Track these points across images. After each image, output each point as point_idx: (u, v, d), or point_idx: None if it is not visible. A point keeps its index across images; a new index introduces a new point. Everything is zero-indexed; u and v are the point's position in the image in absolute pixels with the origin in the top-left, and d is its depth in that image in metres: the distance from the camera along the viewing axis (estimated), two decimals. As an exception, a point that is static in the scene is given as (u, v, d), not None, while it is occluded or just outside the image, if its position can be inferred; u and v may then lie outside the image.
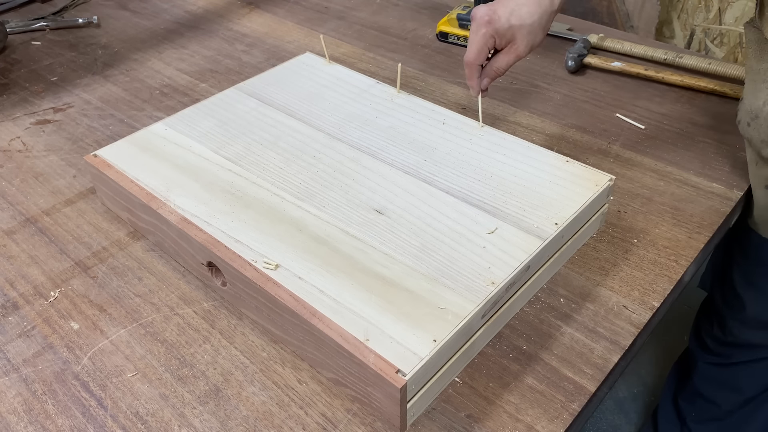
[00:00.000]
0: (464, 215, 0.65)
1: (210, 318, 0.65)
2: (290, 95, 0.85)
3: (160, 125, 0.80)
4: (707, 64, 0.97)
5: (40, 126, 0.95)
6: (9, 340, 0.64)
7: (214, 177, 0.72)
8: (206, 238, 0.64)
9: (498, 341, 0.61)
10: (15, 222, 0.78)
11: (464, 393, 0.57)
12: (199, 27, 1.21)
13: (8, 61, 1.12)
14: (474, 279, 0.58)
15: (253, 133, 0.79)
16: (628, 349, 0.60)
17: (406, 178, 0.71)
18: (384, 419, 0.55)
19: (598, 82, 0.99)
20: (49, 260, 0.72)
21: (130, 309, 0.66)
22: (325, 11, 1.25)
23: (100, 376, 0.60)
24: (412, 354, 0.52)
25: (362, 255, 0.61)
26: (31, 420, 0.57)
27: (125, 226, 0.76)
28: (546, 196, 0.67)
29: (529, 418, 0.55)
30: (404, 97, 0.84)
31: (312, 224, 0.65)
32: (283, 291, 0.58)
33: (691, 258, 0.69)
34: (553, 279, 0.67)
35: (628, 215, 0.75)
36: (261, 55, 1.11)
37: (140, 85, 1.04)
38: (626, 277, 0.67)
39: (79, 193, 0.82)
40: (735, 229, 0.85)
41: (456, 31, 1.10)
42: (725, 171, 0.81)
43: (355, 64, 1.06)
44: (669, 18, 1.65)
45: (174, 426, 0.55)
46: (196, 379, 0.59)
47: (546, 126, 0.90)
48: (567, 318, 0.63)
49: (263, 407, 0.57)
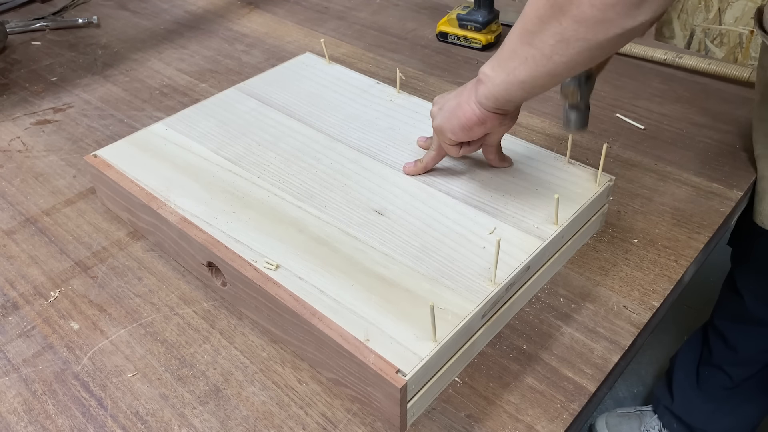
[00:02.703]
0: (464, 216, 0.65)
1: (210, 318, 0.65)
2: (290, 95, 0.85)
3: (160, 125, 0.80)
4: (707, 65, 0.97)
5: (40, 126, 0.95)
6: (9, 340, 0.64)
7: (214, 177, 0.72)
8: (206, 238, 0.64)
9: (498, 341, 0.61)
10: (15, 222, 0.78)
11: (464, 393, 0.57)
12: (199, 27, 1.21)
13: (8, 61, 1.12)
14: (474, 279, 0.58)
15: (253, 133, 0.79)
16: (628, 349, 0.60)
17: (406, 179, 0.71)
18: (384, 419, 0.55)
19: (598, 83, 0.99)
20: (49, 260, 0.72)
21: (130, 309, 0.66)
22: (325, 11, 1.25)
23: (100, 376, 0.60)
24: (412, 354, 0.52)
25: (362, 255, 0.61)
26: (31, 420, 0.57)
27: (125, 226, 0.76)
28: (546, 197, 0.67)
29: (529, 418, 0.55)
30: (404, 97, 0.84)
31: (312, 225, 0.65)
32: (283, 291, 0.58)
33: (691, 258, 0.69)
34: (553, 279, 0.67)
35: (628, 215, 0.75)
36: (261, 56, 1.11)
37: (140, 85, 1.04)
38: (626, 277, 0.67)
39: (79, 193, 0.82)
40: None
41: (456, 31, 1.10)
42: (725, 171, 0.81)
43: (355, 64, 1.06)
44: (669, 18, 1.65)
45: (174, 426, 0.55)
46: (196, 379, 0.59)
47: (546, 126, 0.90)
48: (567, 318, 0.63)
49: (263, 407, 0.57)
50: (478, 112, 0.61)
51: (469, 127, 0.62)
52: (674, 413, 1.16)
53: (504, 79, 0.57)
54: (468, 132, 0.63)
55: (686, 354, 1.16)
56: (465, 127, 0.62)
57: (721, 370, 1.08)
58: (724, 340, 1.05)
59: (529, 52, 0.53)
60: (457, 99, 0.63)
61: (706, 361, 1.10)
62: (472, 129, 0.62)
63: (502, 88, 0.58)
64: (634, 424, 1.23)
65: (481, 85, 0.60)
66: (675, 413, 1.16)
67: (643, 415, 1.24)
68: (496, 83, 0.58)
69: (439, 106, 0.67)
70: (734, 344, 1.03)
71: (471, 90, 0.61)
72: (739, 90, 0.95)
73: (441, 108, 0.65)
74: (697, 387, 1.12)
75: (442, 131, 0.65)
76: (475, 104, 0.61)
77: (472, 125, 0.62)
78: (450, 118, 0.63)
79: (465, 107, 0.61)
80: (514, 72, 0.56)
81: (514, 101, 0.59)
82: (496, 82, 0.58)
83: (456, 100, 0.63)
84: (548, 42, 0.51)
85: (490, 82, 0.58)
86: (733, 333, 1.04)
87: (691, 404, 1.14)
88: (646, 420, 1.22)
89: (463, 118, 0.62)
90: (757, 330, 0.99)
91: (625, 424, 1.24)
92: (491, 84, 0.58)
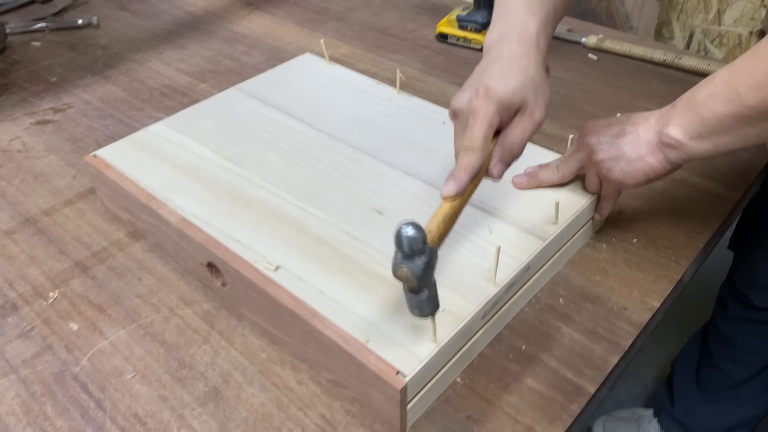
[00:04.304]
0: (464, 216, 0.65)
1: (209, 319, 0.65)
2: (290, 96, 0.85)
3: (160, 125, 0.80)
4: (706, 65, 0.97)
5: (40, 126, 0.95)
6: (8, 341, 0.64)
7: (214, 177, 0.72)
8: (206, 239, 0.63)
9: (498, 342, 0.61)
10: (14, 222, 0.78)
11: (464, 394, 0.57)
12: (199, 28, 1.21)
13: (8, 62, 1.12)
14: (474, 280, 0.58)
15: (253, 133, 0.78)
16: (627, 350, 0.60)
17: (407, 179, 0.71)
18: (384, 421, 0.55)
19: (598, 83, 0.99)
20: (49, 260, 0.72)
21: (129, 310, 0.66)
22: (325, 12, 1.25)
23: (99, 377, 0.60)
24: (412, 355, 0.52)
25: (363, 256, 0.61)
26: (29, 422, 0.56)
27: (125, 226, 0.76)
28: (546, 197, 0.67)
29: (529, 419, 0.55)
30: (404, 97, 0.84)
31: (312, 225, 0.65)
32: (283, 292, 0.58)
33: (691, 258, 0.69)
34: (553, 279, 0.67)
35: (628, 215, 0.75)
36: (261, 56, 1.11)
37: (140, 85, 1.03)
38: (626, 277, 0.67)
39: (78, 193, 0.82)
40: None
41: (456, 32, 1.10)
42: (725, 171, 0.81)
43: (354, 64, 1.06)
44: (668, 19, 1.66)
45: (173, 427, 0.55)
46: (196, 381, 0.59)
47: (546, 126, 0.90)
48: (567, 319, 0.63)
49: (262, 408, 0.56)
50: (668, 168, 0.60)
51: (656, 179, 0.62)
52: (675, 417, 1.16)
53: (709, 150, 0.57)
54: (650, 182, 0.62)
55: (686, 357, 1.16)
56: (650, 180, 0.62)
57: (721, 371, 1.08)
58: (724, 339, 1.05)
59: (750, 132, 0.53)
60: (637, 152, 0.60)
61: (707, 363, 1.10)
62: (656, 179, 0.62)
63: (706, 155, 0.57)
64: (632, 428, 1.23)
65: (673, 151, 0.58)
66: (676, 417, 1.16)
67: (642, 419, 1.23)
68: (698, 151, 0.57)
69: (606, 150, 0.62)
70: (734, 343, 1.03)
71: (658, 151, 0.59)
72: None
73: (614, 159, 0.62)
74: (697, 389, 1.12)
75: (622, 184, 0.63)
76: (667, 163, 0.60)
77: (658, 178, 0.61)
78: (634, 172, 0.61)
79: (655, 165, 0.60)
80: (726, 145, 0.56)
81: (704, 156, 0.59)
82: (700, 151, 0.57)
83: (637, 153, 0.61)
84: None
85: (689, 149, 0.57)
86: (733, 332, 1.04)
87: (692, 407, 1.14)
88: (644, 425, 1.22)
89: (652, 173, 0.61)
90: (758, 327, 0.99)
91: (623, 428, 1.24)
92: (692, 151, 0.57)
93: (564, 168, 0.67)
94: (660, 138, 0.59)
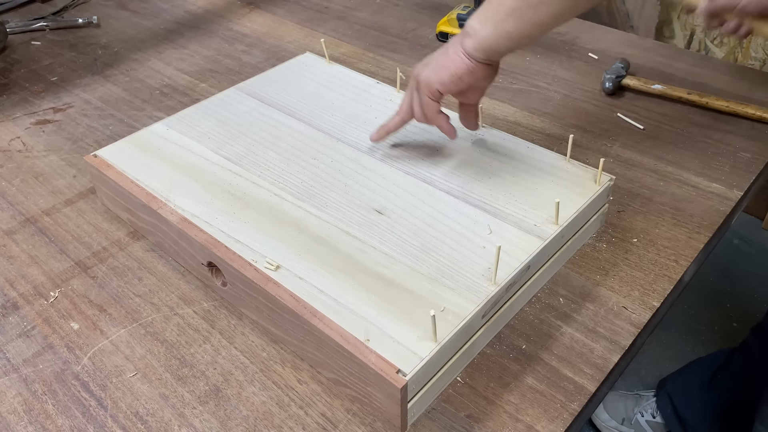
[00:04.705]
0: (464, 215, 0.65)
1: (210, 318, 0.65)
2: (290, 95, 0.85)
3: (160, 125, 0.80)
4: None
5: (40, 126, 0.95)
6: (9, 340, 0.64)
7: (214, 177, 0.72)
8: (206, 238, 0.64)
9: (498, 341, 0.61)
10: (15, 222, 0.78)
11: (464, 393, 0.57)
12: (199, 27, 1.21)
13: (8, 61, 1.12)
14: (474, 279, 0.58)
15: (254, 133, 0.79)
16: (628, 349, 0.60)
17: (407, 179, 0.71)
18: (384, 419, 0.55)
19: (598, 83, 0.99)
20: (49, 260, 0.72)
21: (130, 309, 0.66)
22: (325, 11, 1.25)
23: (100, 376, 0.60)
24: (413, 354, 0.52)
25: (362, 255, 0.61)
26: (31, 420, 0.57)
27: (125, 226, 0.76)
28: (546, 196, 0.67)
29: (529, 418, 0.55)
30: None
31: (312, 224, 0.65)
32: (283, 291, 0.58)
33: (691, 258, 0.69)
34: (553, 279, 0.67)
35: (628, 215, 0.75)
36: (261, 55, 1.11)
37: (140, 85, 1.04)
38: (626, 277, 0.67)
39: (79, 193, 0.82)
40: None
41: (456, 31, 1.10)
42: (725, 171, 0.81)
43: (355, 64, 1.06)
44: (669, 18, 1.65)
45: (174, 426, 0.55)
46: (196, 379, 0.59)
47: (546, 126, 0.90)
48: (567, 318, 0.63)
49: (263, 407, 0.57)
50: (467, 61, 0.63)
51: (459, 75, 0.64)
52: (673, 402, 1.17)
53: (492, 32, 0.61)
54: (458, 81, 0.65)
55: (714, 356, 1.16)
56: (455, 76, 0.64)
57: (739, 382, 1.07)
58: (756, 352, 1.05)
59: (515, 4, 0.58)
60: (444, 53, 0.65)
61: (727, 368, 1.10)
62: (462, 78, 0.64)
63: (491, 39, 0.61)
64: (630, 403, 1.26)
65: (468, 38, 0.63)
66: (674, 402, 1.16)
67: (641, 398, 1.25)
68: (483, 35, 0.61)
69: (423, 63, 0.68)
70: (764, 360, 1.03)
71: (457, 43, 0.64)
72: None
73: (426, 64, 0.67)
74: (707, 388, 1.12)
75: (429, 83, 0.66)
76: (464, 55, 0.63)
77: (462, 74, 0.64)
78: (439, 70, 0.65)
79: (454, 57, 0.64)
80: (502, 24, 0.60)
81: (501, 52, 0.63)
82: (484, 35, 0.61)
83: (443, 54, 0.65)
84: None
85: (478, 34, 0.62)
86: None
87: (692, 400, 1.14)
88: (643, 403, 1.24)
89: (453, 67, 0.64)
90: None
91: (622, 402, 1.27)
92: (479, 36, 0.62)
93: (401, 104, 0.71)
94: (462, 32, 0.64)
